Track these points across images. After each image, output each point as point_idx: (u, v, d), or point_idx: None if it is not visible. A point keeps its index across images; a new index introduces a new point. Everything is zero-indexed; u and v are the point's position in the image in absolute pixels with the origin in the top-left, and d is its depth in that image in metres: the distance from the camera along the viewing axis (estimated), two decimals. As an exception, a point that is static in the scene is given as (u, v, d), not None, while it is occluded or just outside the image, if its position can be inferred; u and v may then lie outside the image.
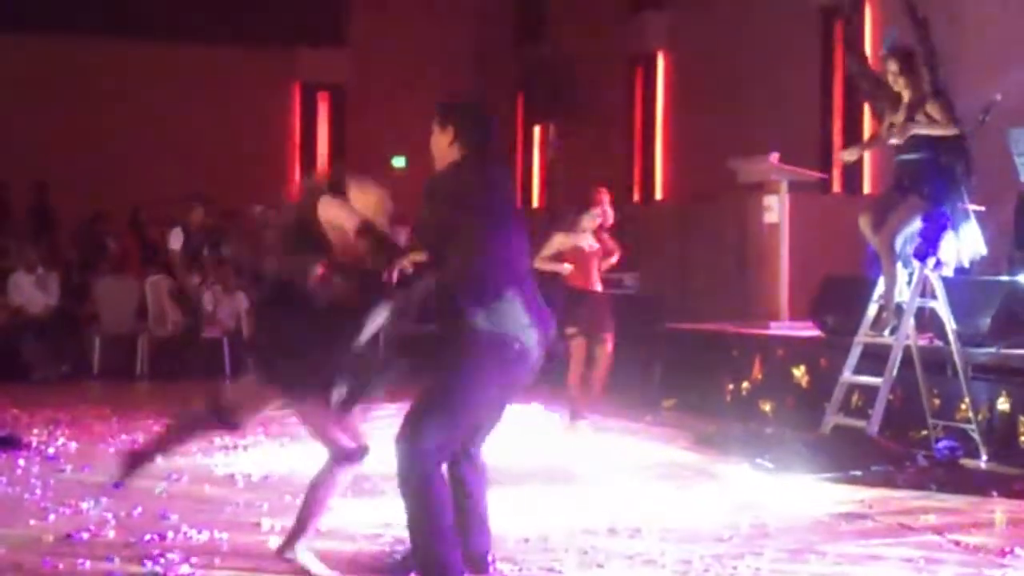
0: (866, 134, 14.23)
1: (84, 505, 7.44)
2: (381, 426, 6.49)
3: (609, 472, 8.96)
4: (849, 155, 10.28)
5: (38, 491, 7.96)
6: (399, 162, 20.54)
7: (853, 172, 14.31)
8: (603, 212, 11.07)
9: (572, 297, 10.84)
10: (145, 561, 6.15)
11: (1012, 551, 6.42)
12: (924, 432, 9.27)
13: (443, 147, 5.81)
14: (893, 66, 9.37)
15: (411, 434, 5.50)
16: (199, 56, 20.17)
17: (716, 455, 9.46)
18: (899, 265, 9.42)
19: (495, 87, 20.86)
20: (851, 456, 8.84)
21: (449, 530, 5.51)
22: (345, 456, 5.96)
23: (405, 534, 5.64)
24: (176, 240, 15.73)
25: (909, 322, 9.22)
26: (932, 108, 9.21)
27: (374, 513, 7.15)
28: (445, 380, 5.59)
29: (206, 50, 20.22)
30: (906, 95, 9.36)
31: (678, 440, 10.28)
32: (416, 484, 5.47)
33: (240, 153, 20.00)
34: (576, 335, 10.77)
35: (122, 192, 18.26)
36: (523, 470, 8.78)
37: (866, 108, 14.02)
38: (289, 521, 6.83)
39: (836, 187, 14.54)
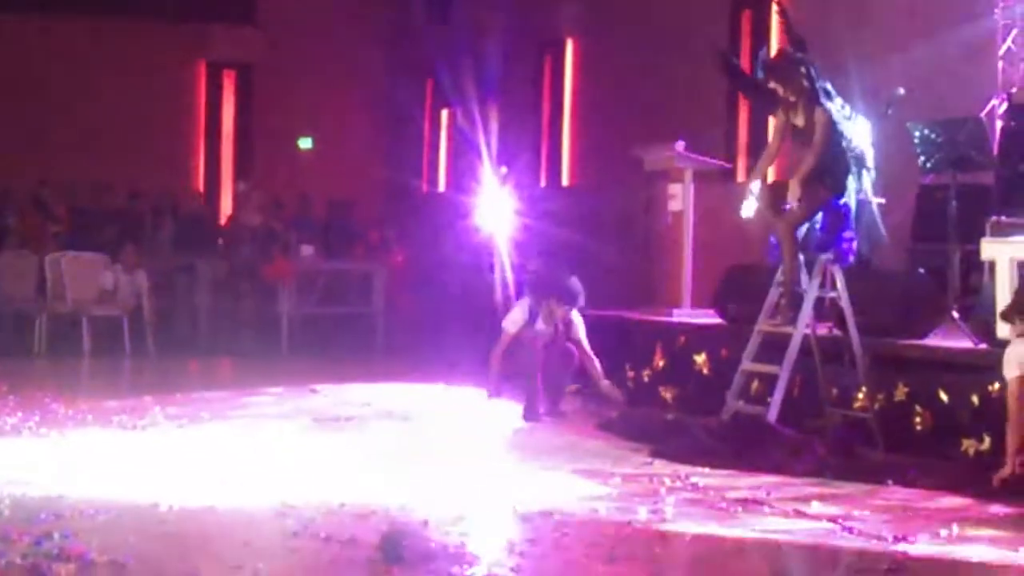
0: (770, 128, 14.37)
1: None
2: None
3: (504, 455, 9.01)
4: (747, 209, 9.80)
5: (-70, 470, 7.83)
6: (306, 143, 20.45)
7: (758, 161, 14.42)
8: None
9: None
10: (40, 540, 6.05)
11: (905, 538, 6.51)
12: (821, 420, 9.38)
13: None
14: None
15: None
16: (105, 31, 19.93)
17: (617, 441, 9.51)
18: (800, 255, 9.50)
19: (404, 70, 20.81)
20: (750, 443, 8.93)
21: None
22: None
23: None
24: None
25: (808, 311, 9.31)
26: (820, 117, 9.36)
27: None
28: None
29: (112, 24, 19.98)
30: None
31: (580, 425, 10.32)
32: None
33: (145, 130, 19.79)
34: None
35: (24, 168, 17.97)
36: (438, 449, 8.96)
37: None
38: (188, 503, 6.81)
39: (741, 176, 14.65)
